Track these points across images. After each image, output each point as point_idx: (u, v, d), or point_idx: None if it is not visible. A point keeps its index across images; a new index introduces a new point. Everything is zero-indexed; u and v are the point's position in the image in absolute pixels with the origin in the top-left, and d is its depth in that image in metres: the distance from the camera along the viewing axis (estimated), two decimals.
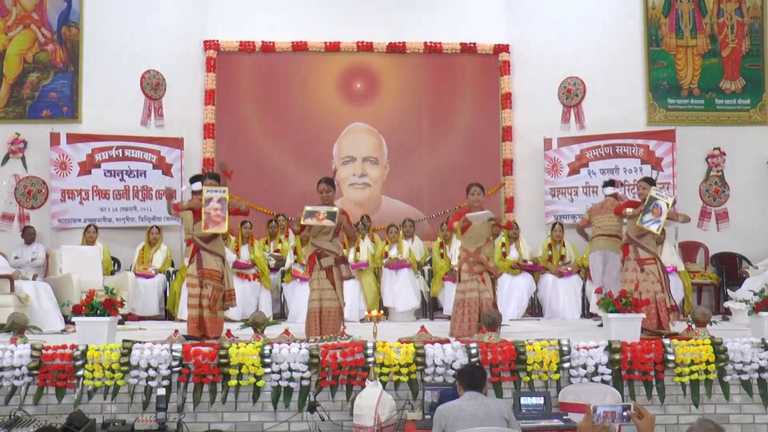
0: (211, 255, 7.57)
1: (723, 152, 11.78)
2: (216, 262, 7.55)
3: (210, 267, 7.52)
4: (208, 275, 7.49)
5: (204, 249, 7.57)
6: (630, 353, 6.51)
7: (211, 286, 7.48)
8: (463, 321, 7.79)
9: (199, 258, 7.58)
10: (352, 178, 12.05)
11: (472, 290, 7.85)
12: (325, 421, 6.28)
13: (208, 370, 6.35)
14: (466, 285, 7.89)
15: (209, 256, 7.56)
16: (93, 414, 6.23)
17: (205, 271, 7.51)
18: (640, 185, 8.39)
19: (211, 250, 7.58)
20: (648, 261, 8.06)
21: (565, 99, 12.03)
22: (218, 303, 7.54)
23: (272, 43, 12.00)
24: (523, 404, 6.21)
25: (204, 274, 7.50)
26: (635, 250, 8.09)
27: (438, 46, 12.12)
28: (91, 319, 6.73)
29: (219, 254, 7.63)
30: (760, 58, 11.91)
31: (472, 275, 7.89)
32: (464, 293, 7.88)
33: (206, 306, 7.45)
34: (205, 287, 7.49)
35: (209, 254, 7.56)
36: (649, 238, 8.17)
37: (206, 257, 7.56)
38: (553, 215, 11.62)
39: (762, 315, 7.01)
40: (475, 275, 7.89)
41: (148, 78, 11.58)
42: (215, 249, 7.61)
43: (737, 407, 6.60)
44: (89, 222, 10.80)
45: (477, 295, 7.82)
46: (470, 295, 7.84)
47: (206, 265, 7.52)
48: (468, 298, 7.83)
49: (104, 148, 11.20)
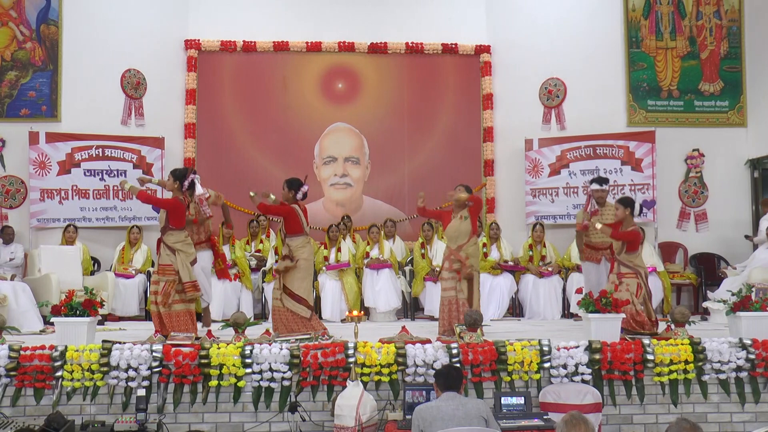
0: (165, 248, 7.48)
1: (702, 153, 11.87)
2: (169, 257, 7.42)
3: (164, 262, 7.45)
4: (161, 271, 7.43)
5: (162, 241, 7.54)
6: (610, 353, 6.56)
7: (163, 281, 7.35)
8: (443, 320, 7.76)
9: (159, 253, 7.58)
10: (334, 178, 12.04)
11: (450, 289, 7.82)
12: (306, 421, 6.28)
13: (188, 370, 6.33)
14: (446, 283, 7.87)
15: (164, 250, 7.49)
16: (72, 415, 6.20)
17: (160, 266, 7.48)
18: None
19: (165, 242, 7.50)
20: (628, 275, 7.88)
21: (545, 100, 12.08)
22: (171, 297, 7.31)
23: (253, 43, 11.97)
24: (504, 404, 6.24)
25: (158, 270, 7.49)
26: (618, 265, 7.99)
27: (419, 46, 12.14)
28: (70, 319, 6.69)
29: (171, 247, 7.44)
30: (737, 61, 12.02)
31: (451, 273, 7.83)
32: (445, 291, 7.86)
33: (160, 302, 7.30)
34: (157, 283, 7.41)
35: (165, 247, 7.49)
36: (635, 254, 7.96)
37: (162, 252, 7.51)
38: (533, 216, 11.66)
39: (740, 315, 7.07)
40: (453, 273, 7.82)
41: (129, 77, 11.51)
42: (168, 241, 7.47)
43: (715, 406, 6.67)
44: (69, 222, 10.72)
45: (454, 294, 7.78)
46: (449, 294, 7.81)
47: (161, 261, 7.49)
48: (447, 297, 7.81)
49: (84, 147, 11.12)
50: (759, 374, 6.70)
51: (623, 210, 8.00)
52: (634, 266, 7.88)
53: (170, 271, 7.40)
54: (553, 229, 11.49)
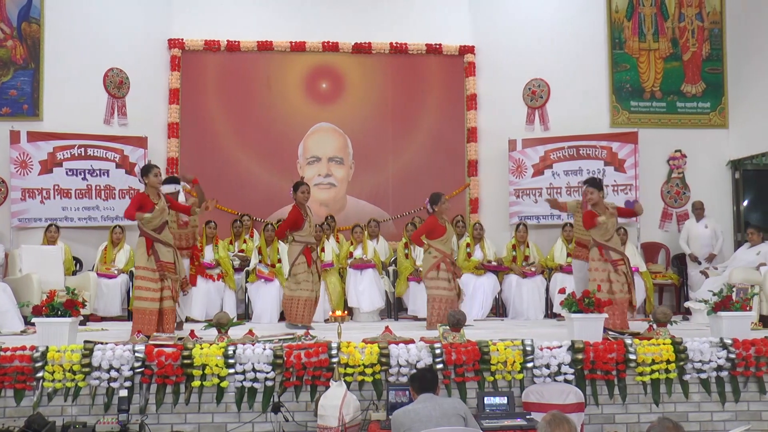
0: (164, 246, 7.64)
1: (684, 154, 11.95)
2: (170, 254, 7.67)
3: (165, 259, 7.61)
4: (165, 267, 7.59)
5: (158, 241, 7.61)
6: (593, 353, 6.58)
7: (170, 278, 7.62)
8: (439, 315, 8.43)
9: (155, 251, 7.60)
10: (317, 178, 12.02)
11: (449, 288, 8.71)
12: (289, 421, 6.27)
13: (171, 370, 6.30)
14: (443, 283, 8.69)
15: (163, 248, 7.63)
16: (53, 416, 6.15)
17: (163, 263, 7.58)
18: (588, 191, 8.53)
19: (164, 240, 7.66)
20: (619, 262, 8.18)
21: (529, 101, 12.12)
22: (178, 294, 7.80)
23: (237, 42, 11.93)
24: (487, 404, 6.24)
25: (163, 267, 7.57)
26: (607, 252, 8.15)
27: (403, 46, 12.15)
28: (51, 319, 6.64)
29: (170, 244, 7.74)
30: (719, 63, 12.11)
31: (448, 273, 8.72)
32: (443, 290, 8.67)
33: (168, 297, 7.59)
34: (165, 280, 7.59)
35: (163, 246, 7.63)
36: (616, 240, 8.29)
37: (161, 249, 7.62)
38: (517, 216, 11.70)
39: (720, 315, 7.12)
40: (450, 274, 8.73)
41: (112, 76, 11.45)
42: (167, 239, 7.70)
43: (696, 405, 6.71)
44: (50, 221, 10.64)
45: (453, 294, 8.74)
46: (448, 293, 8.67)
47: (162, 258, 7.59)
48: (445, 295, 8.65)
49: (66, 146, 11.05)
50: (739, 373, 6.74)
51: (598, 193, 8.34)
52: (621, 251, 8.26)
53: (172, 269, 7.66)
54: (537, 229, 11.53)
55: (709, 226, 11.15)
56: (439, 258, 8.72)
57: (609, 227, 8.16)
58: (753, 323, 8.01)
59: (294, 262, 8.80)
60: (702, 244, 11.07)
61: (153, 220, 7.53)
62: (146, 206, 7.52)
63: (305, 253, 8.73)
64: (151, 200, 7.60)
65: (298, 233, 8.78)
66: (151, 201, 7.59)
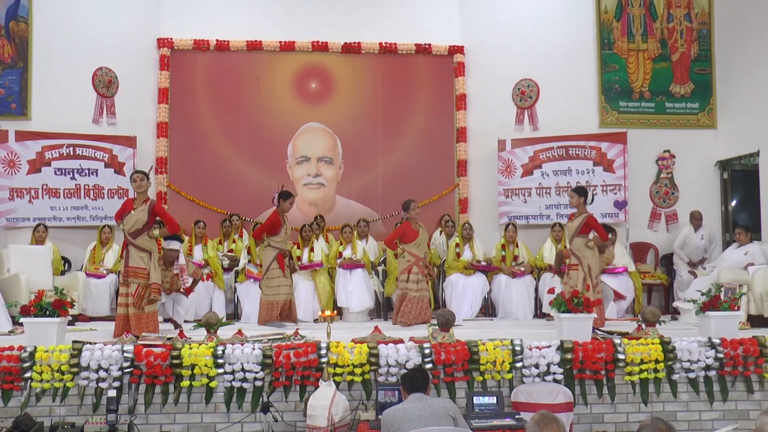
0: (137, 251, 7.67)
1: (673, 155, 11.99)
2: (143, 259, 7.65)
3: (136, 264, 7.63)
4: (133, 273, 7.62)
5: (132, 245, 7.65)
6: (581, 353, 6.61)
7: (135, 284, 7.60)
8: (410, 314, 9.10)
9: (127, 255, 7.68)
10: (307, 178, 12.01)
11: (423, 290, 9.32)
12: (279, 421, 6.27)
13: (160, 370, 6.29)
14: (419, 284, 9.27)
15: (136, 253, 7.66)
16: (41, 417, 6.14)
17: (130, 269, 7.62)
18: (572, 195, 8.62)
19: (139, 245, 7.67)
20: (573, 267, 8.48)
21: (518, 101, 12.14)
22: (144, 299, 7.62)
23: (227, 42, 11.91)
24: (476, 404, 6.25)
25: (129, 273, 7.62)
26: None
27: (393, 46, 12.15)
28: (39, 319, 6.62)
29: (146, 249, 7.73)
30: (708, 63, 12.16)
31: (422, 277, 9.31)
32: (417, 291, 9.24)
33: (131, 303, 7.56)
34: (128, 285, 7.61)
35: (136, 250, 7.66)
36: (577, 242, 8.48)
37: (133, 254, 7.65)
38: (506, 216, 11.71)
39: (709, 315, 7.15)
40: (423, 277, 9.33)
41: (100, 75, 11.41)
42: (143, 244, 7.70)
43: (684, 405, 6.75)
44: (39, 221, 10.60)
45: (426, 294, 9.35)
46: (423, 294, 9.28)
47: (132, 263, 7.63)
48: (419, 296, 9.23)
49: (55, 146, 11.00)
50: (727, 373, 6.78)
51: (578, 198, 8.55)
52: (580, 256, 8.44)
53: (143, 274, 7.63)
54: (526, 229, 11.56)
55: (705, 237, 11.20)
56: (412, 261, 9.27)
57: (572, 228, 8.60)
58: (741, 323, 8.04)
59: (268, 267, 9.15)
60: (697, 253, 11.13)
61: (126, 223, 7.69)
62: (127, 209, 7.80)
63: (278, 258, 9.13)
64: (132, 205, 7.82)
65: (273, 238, 9.20)
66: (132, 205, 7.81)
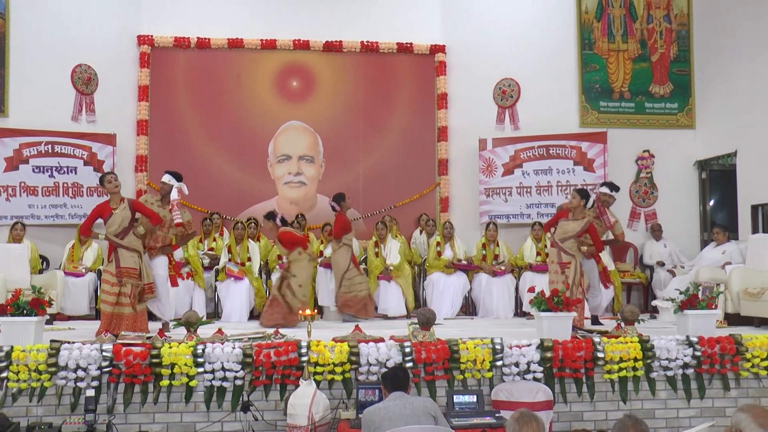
0: (127, 251, 7.63)
1: (652, 154, 12.08)
2: (133, 259, 7.62)
3: (127, 265, 7.58)
4: (126, 273, 7.57)
5: (121, 246, 7.61)
6: (561, 351, 6.63)
7: (129, 284, 7.57)
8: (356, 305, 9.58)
9: (117, 256, 7.62)
10: (288, 176, 11.99)
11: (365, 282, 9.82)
12: (259, 420, 6.25)
13: (139, 370, 6.25)
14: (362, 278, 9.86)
15: (126, 253, 7.62)
16: (17, 417, 6.08)
17: (123, 269, 7.56)
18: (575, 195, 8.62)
19: (128, 246, 7.63)
20: (567, 264, 8.35)
21: (500, 100, 12.17)
22: (138, 299, 7.65)
23: (207, 40, 11.86)
24: (456, 402, 6.26)
25: (122, 273, 7.56)
26: (558, 253, 8.38)
27: (374, 45, 12.15)
28: (16, 319, 6.55)
29: (135, 249, 7.69)
30: (687, 64, 12.25)
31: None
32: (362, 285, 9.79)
33: (127, 303, 7.55)
34: (123, 285, 7.56)
35: (126, 251, 7.62)
36: (571, 243, 8.37)
37: (123, 255, 7.61)
38: (487, 215, 11.75)
39: (687, 313, 7.20)
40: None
41: (80, 72, 11.32)
42: (131, 245, 7.66)
43: (662, 402, 6.80)
44: (16, 219, 10.49)
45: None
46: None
47: (124, 263, 7.58)
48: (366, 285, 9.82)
49: (33, 143, 10.90)
50: (704, 371, 6.84)
51: (579, 200, 8.46)
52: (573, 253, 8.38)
53: (135, 274, 7.61)
54: (507, 228, 11.59)
55: (668, 244, 11.35)
56: (351, 251, 9.79)
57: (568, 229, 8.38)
58: (718, 321, 8.12)
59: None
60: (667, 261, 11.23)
61: (111, 226, 7.60)
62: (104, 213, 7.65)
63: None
64: (110, 206, 7.67)
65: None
66: (110, 207, 7.67)
